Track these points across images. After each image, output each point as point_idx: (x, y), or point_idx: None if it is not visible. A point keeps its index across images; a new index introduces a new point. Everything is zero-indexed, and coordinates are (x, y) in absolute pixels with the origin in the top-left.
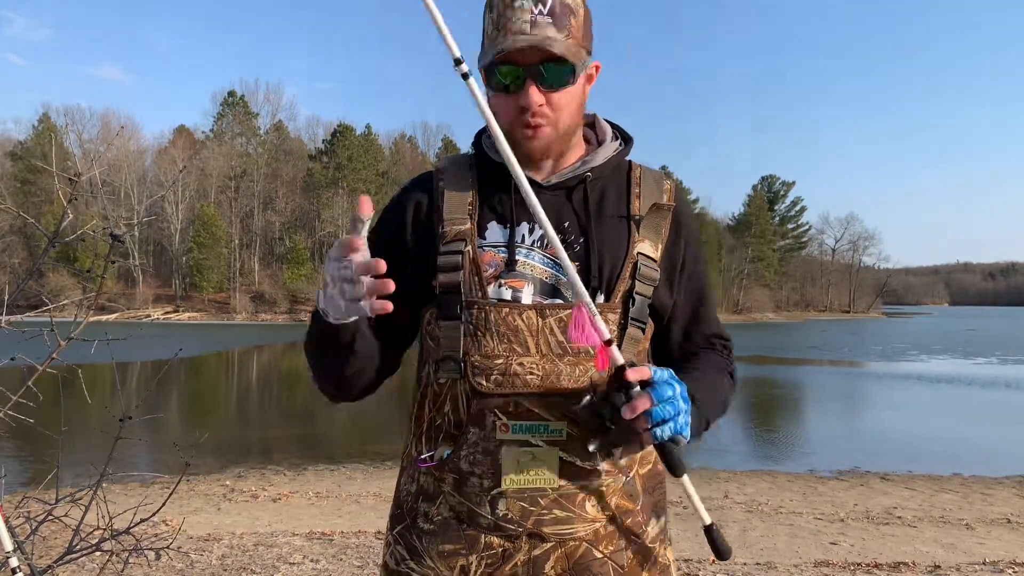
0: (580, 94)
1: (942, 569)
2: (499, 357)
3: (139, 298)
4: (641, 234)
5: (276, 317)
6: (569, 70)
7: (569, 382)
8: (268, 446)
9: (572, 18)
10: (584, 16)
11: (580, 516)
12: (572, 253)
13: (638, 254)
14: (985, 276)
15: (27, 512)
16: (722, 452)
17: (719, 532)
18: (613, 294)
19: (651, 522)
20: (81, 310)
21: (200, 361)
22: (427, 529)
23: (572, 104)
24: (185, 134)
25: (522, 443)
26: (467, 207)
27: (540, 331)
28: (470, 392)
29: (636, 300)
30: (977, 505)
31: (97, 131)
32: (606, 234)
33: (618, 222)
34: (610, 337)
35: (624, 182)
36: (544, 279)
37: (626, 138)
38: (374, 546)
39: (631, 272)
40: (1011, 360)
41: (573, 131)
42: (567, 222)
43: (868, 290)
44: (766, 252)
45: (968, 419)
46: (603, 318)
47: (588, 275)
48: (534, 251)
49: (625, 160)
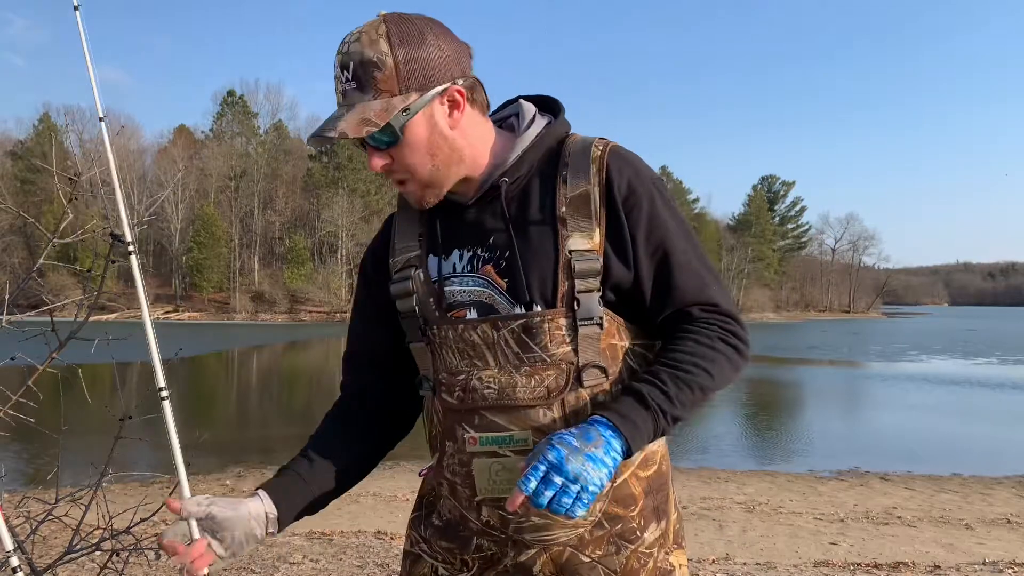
0: (429, 135)
1: (942, 569)
2: (461, 373)
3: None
4: (569, 229)
5: (276, 317)
6: (390, 131)
7: (525, 393)
8: (268, 446)
9: (377, 72)
10: (397, 59)
11: (559, 522)
12: (500, 270)
13: (570, 252)
14: (985, 276)
15: (27, 512)
16: (722, 452)
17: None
18: (554, 299)
19: (650, 527)
20: (81, 310)
21: (200, 361)
22: (436, 525)
23: (420, 150)
24: (185, 134)
25: (491, 454)
26: (417, 235)
27: (496, 343)
28: (441, 408)
29: (580, 300)
30: (977, 505)
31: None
32: (531, 241)
33: (541, 223)
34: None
35: (552, 168)
36: (483, 300)
37: (554, 110)
38: (374, 546)
39: (566, 273)
40: (1011, 360)
41: (451, 163)
42: (492, 237)
43: (868, 290)
44: (766, 252)
45: (968, 419)
46: (553, 324)
47: (518, 290)
48: (467, 277)
49: (554, 140)
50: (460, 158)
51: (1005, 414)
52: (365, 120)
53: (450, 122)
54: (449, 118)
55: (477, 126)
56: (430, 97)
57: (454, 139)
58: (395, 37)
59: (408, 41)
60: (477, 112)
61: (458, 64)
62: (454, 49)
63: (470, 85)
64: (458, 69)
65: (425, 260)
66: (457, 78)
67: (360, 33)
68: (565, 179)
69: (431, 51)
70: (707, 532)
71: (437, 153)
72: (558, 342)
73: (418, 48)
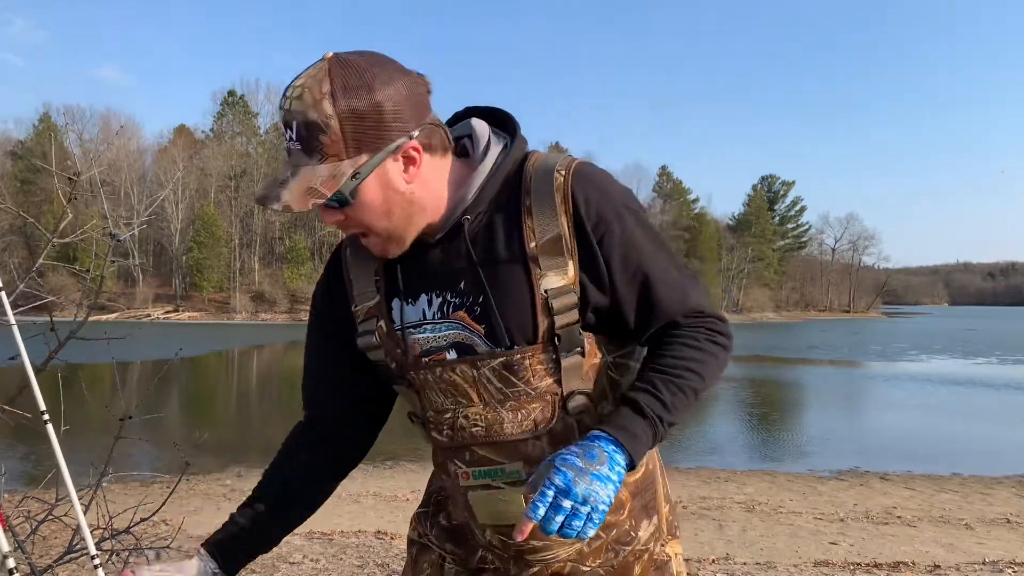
0: (383, 194)
1: (942, 569)
2: (447, 411)
3: (139, 298)
4: (543, 268)
5: (276, 317)
6: (338, 195)
7: (512, 428)
8: (268, 446)
9: (322, 136)
10: (343, 120)
11: (558, 542)
12: (474, 316)
13: (546, 292)
14: (985, 276)
15: (27, 512)
16: (722, 452)
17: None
18: (535, 339)
19: (642, 525)
20: (81, 309)
21: (200, 361)
22: (443, 525)
23: (374, 210)
24: (185, 134)
25: (485, 487)
26: (373, 279)
27: (478, 381)
28: (433, 444)
29: (561, 336)
30: (977, 505)
31: (97, 131)
32: (504, 284)
33: (513, 263)
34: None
35: (515, 198)
36: (461, 341)
37: (511, 128)
38: (374, 546)
39: (544, 311)
40: (1011, 360)
41: (410, 216)
42: (463, 281)
43: (868, 290)
44: (766, 252)
45: (968, 419)
46: (534, 360)
47: (497, 335)
48: (439, 323)
49: (513, 165)
50: (421, 209)
51: (1005, 414)
52: (311, 190)
53: (406, 177)
54: (405, 174)
55: (437, 171)
56: (382, 157)
57: (412, 193)
58: (340, 94)
59: (355, 96)
60: (437, 157)
61: (413, 111)
62: (407, 93)
63: (427, 132)
64: (413, 118)
65: (387, 307)
66: (412, 130)
67: (303, 89)
68: (530, 210)
69: (382, 104)
70: (707, 532)
71: (394, 210)
72: (541, 375)
73: (367, 104)
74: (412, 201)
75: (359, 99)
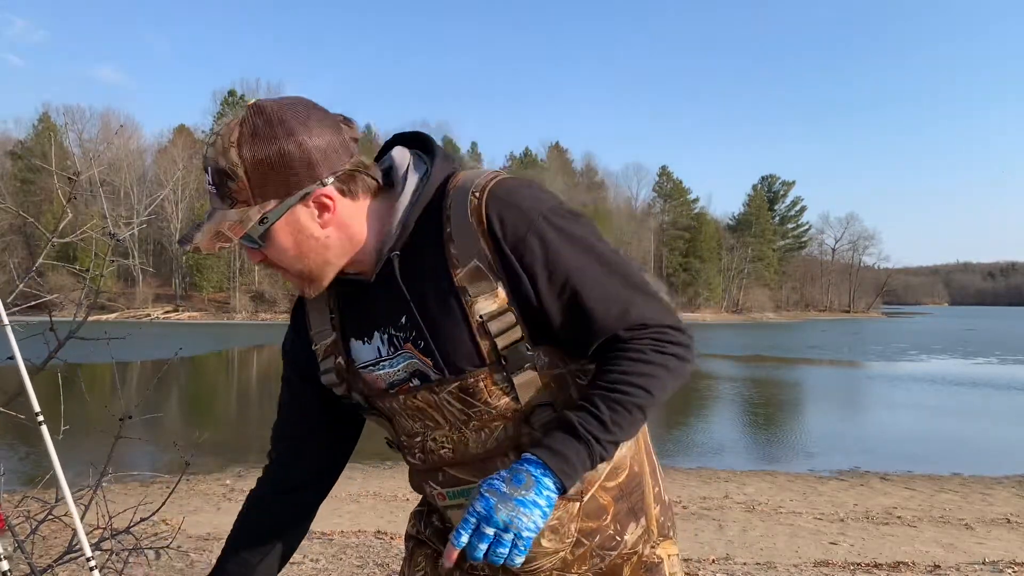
0: (295, 238)
1: (942, 569)
2: (417, 435)
3: (139, 297)
4: (472, 295)
5: (276, 316)
6: (247, 238)
7: (478, 447)
8: (268, 446)
9: (230, 182)
10: (248, 169)
11: (540, 552)
12: (420, 349)
13: (480, 316)
14: (985, 276)
15: (27, 512)
16: (722, 452)
17: None
18: (481, 362)
19: (628, 528)
20: (80, 309)
21: (200, 361)
22: (436, 527)
23: (287, 253)
24: (185, 133)
25: (460, 506)
26: (328, 317)
27: (440, 405)
28: (409, 467)
29: (506, 356)
30: (977, 505)
31: (97, 131)
32: (438, 315)
33: (443, 295)
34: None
35: (436, 226)
36: (419, 369)
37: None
38: (374, 546)
39: (484, 334)
40: (1011, 360)
41: (327, 259)
42: (402, 316)
43: (868, 290)
44: (766, 252)
45: (968, 419)
46: (487, 380)
47: (442, 366)
48: (395, 358)
49: (434, 191)
50: (339, 253)
51: (1005, 414)
52: (219, 234)
53: (320, 222)
54: (319, 219)
55: (357, 213)
56: (291, 203)
57: (326, 237)
58: (247, 143)
59: (261, 145)
60: (359, 200)
61: (327, 158)
62: (321, 141)
63: (345, 177)
64: (326, 165)
65: (345, 345)
66: (326, 177)
67: (216, 136)
68: (451, 236)
69: (289, 153)
70: (707, 532)
71: (308, 254)
72: (497, 395)
73: (273, 152)
74: (327, 246)
75: (266, 147)
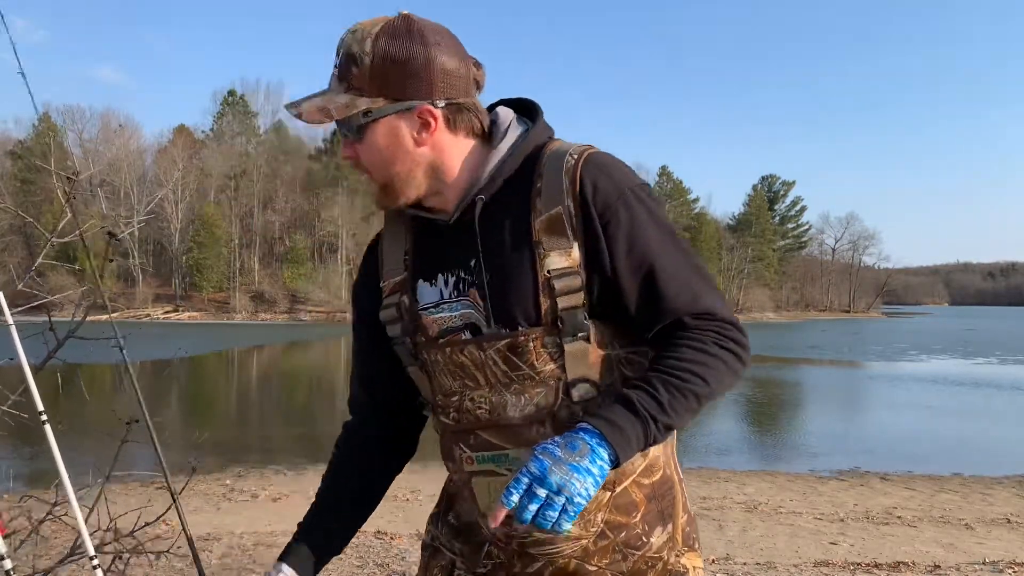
0: (389, 144)
1: (942, 569)
2: (455, 394)
3: (139, 297)
4: (546, 248)
5: (276, 317)
6: (348, 126)
7: (516, 412)
8: (268, 446)
9: (353, 67)
10: (373, 63)
11: (561, 536)
12: (483, 295)
13: (549, 272)
14: (985, 276)
15: (28, 512)
16: (722, 452)
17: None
18: (537, 320)
19: (655, 531)
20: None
21: (200, 361)
22: (452, 524)
23: (377, 156)
24: (185, 133)
25: (489, 472)
26: (403, 258)
27: (484, 364)
28: (441, 428)
29: (564, 318)
30: (977, 505)
31: (97, 131)
32: (508, 262)
33: (519, 243)
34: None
35: (527, 180)
36: (473, 322)
37: (532, 112)
38: (374, 546)
39: (547, 292)
40: (1011, 360)
41: (413, 177)
42: (472, 260)
43: (868, 290)
44: (766, 252)
45: (968, 419)
46: (537, 343)
47: (499, 313)
48: (455, 303)
49: (532, 148)
50: (427, 174)
51: (1005, 414)
52: (324, 110)
53: (418, 139)
54: (417, 135)
55: (454, 148)
56: (397, 109)
57: (420, 155)
58: (384, 38)
59: (396, 46)
60: (459, 136)
61: (446, 82)
62: (447, 66)
63: (454, 109)
64: (444, 89)
65: (412, 285)
66: (438, 99)
67: (359, 26)
68: (539, 191)
69: (415, 61)
70: (707, 532)
71: (396, 163)
72: (544, 360)
73: (402, 54)
74: (417, 163)
75: (397, 48)
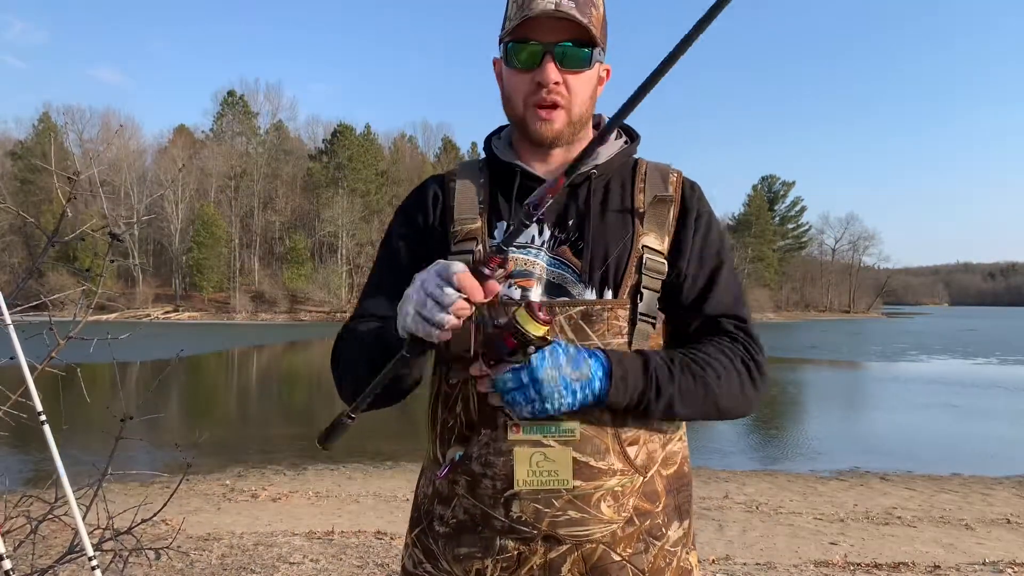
0: (594, 84)
1: (942, 569)
2: None
3: (139, 298)
4: (645, 227)
5: (276, 317)
6: (587, 53)
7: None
8: (268, 446)
9: (593, 9)
10: (603, 12)
11: (596, 517)
12: (575, 251)
13: (643, 247)
14: (985, 276)
15: (27, 512)
16: (722, 452)
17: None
18: (620, 290)
19: (673, 525)
20: (80, 309)
21: (200, 361)
22: (443, 532)
23: (586, 91)
24: (185, 134)
25: (535, 443)
26: (478, 206)
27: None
28: (479, 393)
29: (644, 295)
30: (977, 505)
31: (97, 131)
32: (609, 229)
33: (621, 216)
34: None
35: (629, 177)
36: (552, 279)
37: (632, 136)
38: (374, 546)
39: (636, 266)
40: (1011, 360)
41: (584, 122)
42: (571, 219)
43: (868, 290)
44: (766, 252)
45: (968, 419)
46: (612, 315)
47: (591, 272)
48: (542, 251)
49: (631, 157)
50: (587, 124)
51: (1005, 414)
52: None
53: (598, 90)
54: (599, 85)
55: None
56: (600, 57)
57: (592, 105)
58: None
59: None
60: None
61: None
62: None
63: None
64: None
65: (486, 232)
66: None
67: None
68: (643, 189)
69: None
70: (707, 532)
71: (585, 105)
72: (614, 333)
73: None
74: (590, 111)
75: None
